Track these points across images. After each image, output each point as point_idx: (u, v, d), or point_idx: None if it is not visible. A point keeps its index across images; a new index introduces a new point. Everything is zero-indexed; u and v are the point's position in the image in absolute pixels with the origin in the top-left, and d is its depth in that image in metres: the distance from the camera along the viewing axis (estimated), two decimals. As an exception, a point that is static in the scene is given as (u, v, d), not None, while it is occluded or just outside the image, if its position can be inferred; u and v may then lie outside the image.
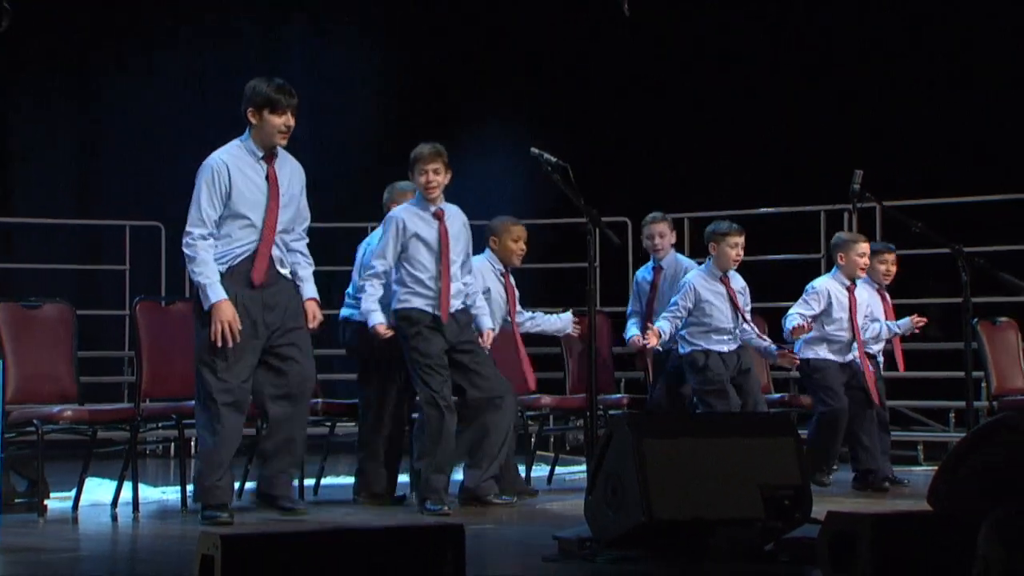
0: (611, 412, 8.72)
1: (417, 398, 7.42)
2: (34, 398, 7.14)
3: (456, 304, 7.47)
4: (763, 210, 11.28)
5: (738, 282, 8.84)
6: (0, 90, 12.49)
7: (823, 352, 8.78)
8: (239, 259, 6.79)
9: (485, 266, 8.12)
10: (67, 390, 7.30)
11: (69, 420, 7.13)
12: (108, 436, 8.04)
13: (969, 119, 11.54)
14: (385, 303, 7.48)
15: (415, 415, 7.61)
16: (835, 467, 8.91)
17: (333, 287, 9.22)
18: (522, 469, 8.50)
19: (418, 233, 7.42)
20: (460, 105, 13.12)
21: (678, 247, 9.41)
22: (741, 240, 8.72)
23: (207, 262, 6.71)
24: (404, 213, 7.51)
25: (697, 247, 10.07)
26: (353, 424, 8.17)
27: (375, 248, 7.62)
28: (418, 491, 7.44)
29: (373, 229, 8.72)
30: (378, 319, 7.42)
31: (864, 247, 8.97)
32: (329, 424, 8.28)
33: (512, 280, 8.23)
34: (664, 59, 12.54)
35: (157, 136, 12.45)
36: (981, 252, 8.59)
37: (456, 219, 7.56)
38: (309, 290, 7.01)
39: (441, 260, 7.41)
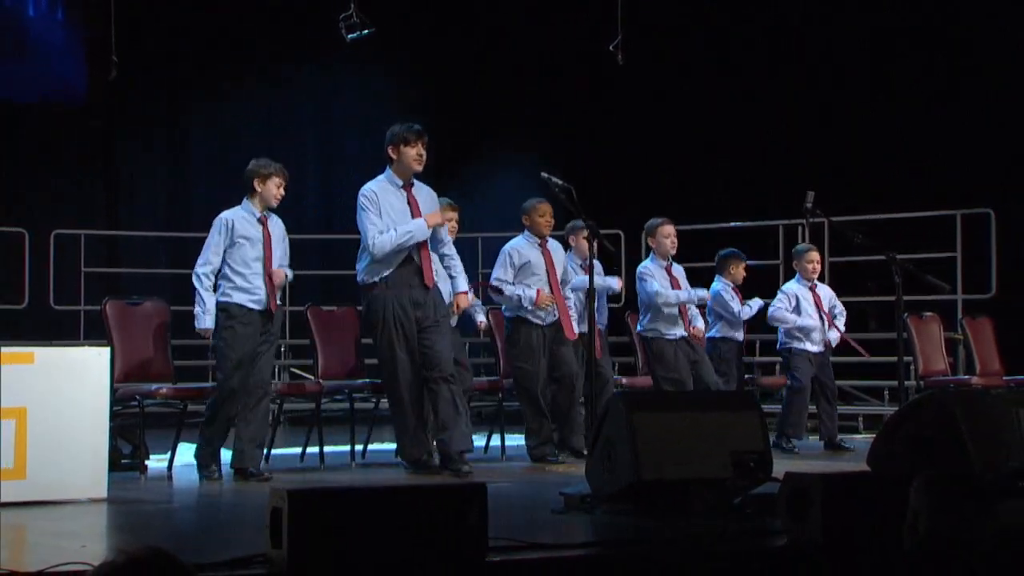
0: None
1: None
2: (136, 378, 7.18)
3: None
4: (732, 224, 11.27)
5: (681, 271, 8.61)
6: (109, 127, 12.51)
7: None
8: (395, 266, 7.00)
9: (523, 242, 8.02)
10: (163, 371, 7.33)
11: (165, 396, 7.19)
12: (196, 408, 8.04)
13: (903, 149, 11.51)
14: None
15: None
16: None
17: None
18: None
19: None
20: (482, 138, 13.13)
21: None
22: (673, 231, 8.50)
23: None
24: None
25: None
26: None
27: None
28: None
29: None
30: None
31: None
32: (374, 400, 8.19)
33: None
34: (646, 102, 12.55)
35: (233, 163, 12.42)
36: (911, 259, 8.55)
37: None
38: (460, 284, 7.27)
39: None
